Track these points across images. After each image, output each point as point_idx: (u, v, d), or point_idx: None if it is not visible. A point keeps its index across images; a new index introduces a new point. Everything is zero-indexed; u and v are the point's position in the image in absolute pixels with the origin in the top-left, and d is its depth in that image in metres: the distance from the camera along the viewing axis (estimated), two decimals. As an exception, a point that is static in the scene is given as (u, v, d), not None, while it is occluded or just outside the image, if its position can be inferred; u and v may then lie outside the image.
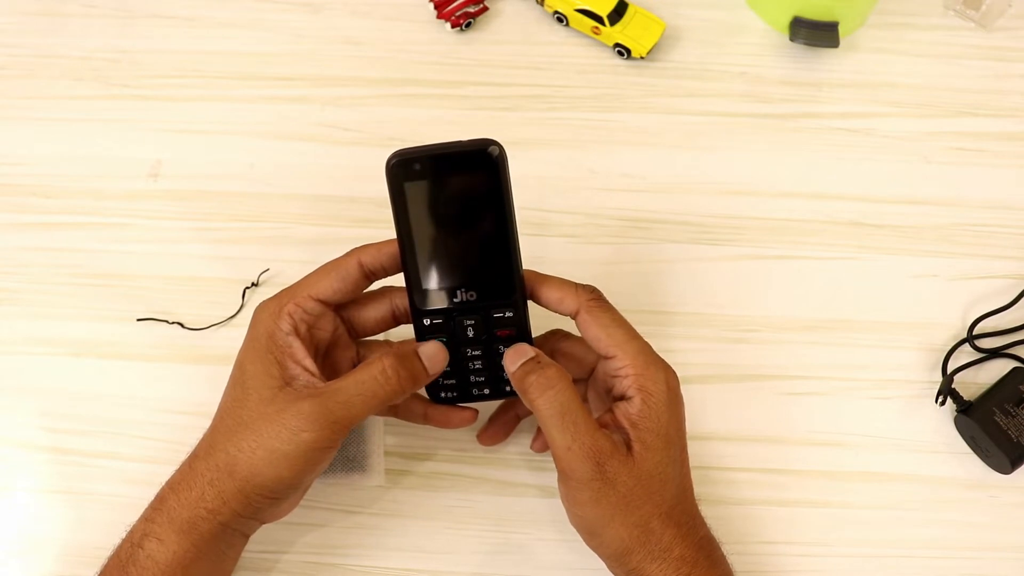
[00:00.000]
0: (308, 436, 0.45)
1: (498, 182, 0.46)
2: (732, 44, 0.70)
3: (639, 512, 0.45)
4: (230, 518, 0.46)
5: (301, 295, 0.49)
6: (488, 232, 0.47)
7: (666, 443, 0.46)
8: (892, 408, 0.58)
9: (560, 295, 0.49)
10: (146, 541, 0.46)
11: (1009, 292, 0.60)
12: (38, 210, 0.64)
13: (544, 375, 0.46)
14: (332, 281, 0.49)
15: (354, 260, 0.49)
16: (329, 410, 0.45)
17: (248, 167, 0.65)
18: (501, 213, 0.47)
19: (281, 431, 0.45)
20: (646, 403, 0.46)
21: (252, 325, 0.49)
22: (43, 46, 0.70)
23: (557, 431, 0.46)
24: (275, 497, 0.47)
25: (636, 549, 0.46)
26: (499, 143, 0.46)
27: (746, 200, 0.64)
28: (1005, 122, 0.67)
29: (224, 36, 0.70)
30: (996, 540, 0.55)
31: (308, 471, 0.47)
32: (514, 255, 0.48)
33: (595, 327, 0.48)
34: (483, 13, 0.70)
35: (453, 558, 0.55)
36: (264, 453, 0.45)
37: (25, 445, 0.58)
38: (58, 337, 0.60)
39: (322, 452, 0.46)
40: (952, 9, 0.70)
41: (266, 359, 0.47)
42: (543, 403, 0.46)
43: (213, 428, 0.48)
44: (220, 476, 0.46)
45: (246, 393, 0.47)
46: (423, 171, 0.46)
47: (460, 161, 0.46)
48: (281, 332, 0.48)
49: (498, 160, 0.46)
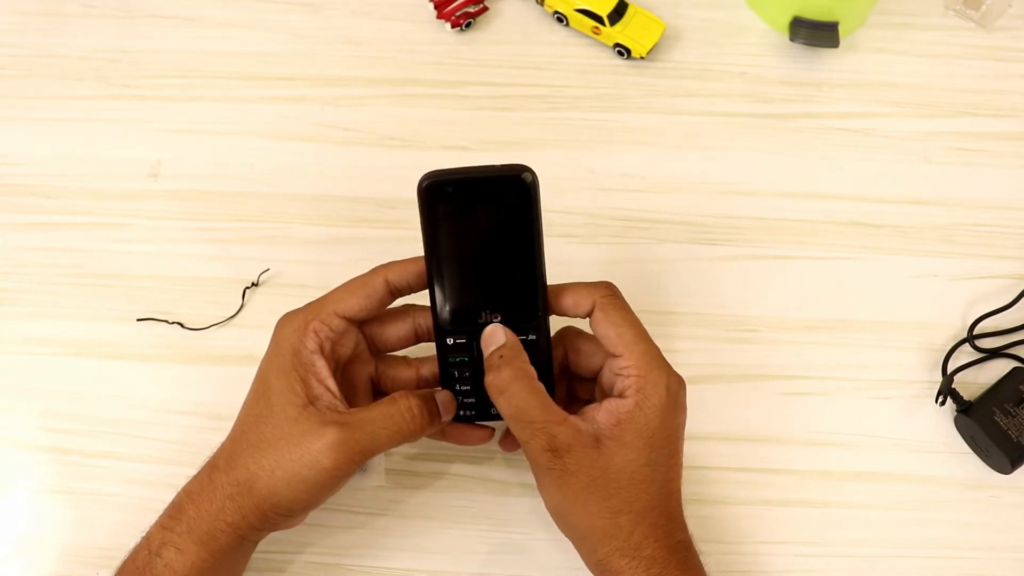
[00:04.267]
0: (330, 464, 0.45)
1: (529, 208, 0.46)
2: (732, 44, 0.70)
3: (607, 503, 0.46)
4: (248, 531, 0.47)
5: (327, 312, 0.49)
6: (516, 256, 0.47)
7: (648, 445, 0.46)
8: (892, 408, 0.58)
9: (575, 299, 0.49)
10: (164, 550, 0.46)
11: (1009, 292, 0.60)
12: (38, 210, 0.64)
13: (500, 378, 0.47)
14: (359, 299, 0.49)
15: (380, 278, 0.50)
16: (355, 440, 0.46)
17: (248, 167, 0.65)
18: (530, 238, 0.47)
19: (304, 455, 0.45)
20: (639, 406, 0.46)
21: (276, 339, 0.49)
22: (43, 46, 0.70)
23: (515, 430, 0.47)
24: (290, 515, 0.48)
25: (603, 539, 0.46)
26: (532, 169, 0.46)
27: (746, 200, 0.64)
28: (1005, 122, 0.67)
29: (224, 36, 0.70)
30: (996, 540, 0.55)
31: (325, 494, 0.48)
32: (540, 280, 0.48)
33: (606, 324, 0.48)
34: (483, 13, 0.70)
35: (453, 558, 0.55)
36: (284, 474, 0.46)
37: (25, 445, 0.58)
38: (58, 337, 0.60)
39: (341, 480, 0.47)
40: (952, 9, 0.70)
41: (291, 376, 0.47)
42: (501, 405, 0.47)
43: (234, 440, 0.48)
44: (240, 491, 0.46)
45: (270, 410, 0.47)
46: (455, 194, 0.46)
47: (493, 186, 0.46)
48: (307, 350, 0.48)
49: (531, 187, 0.46)
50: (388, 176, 0.65)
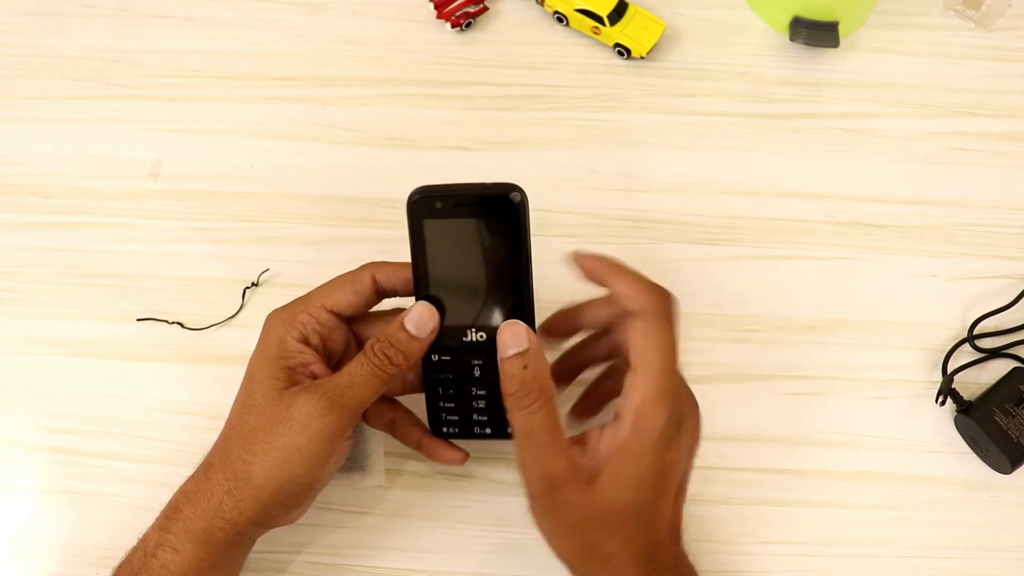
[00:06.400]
0: (318, 423, 0.45)
1: (518, 228, 0.46)
2: (732, 44, 0.70)
3: (588, 537, 0.45)
4: (246, 527, 0.47)
5: (314, 305, 0.49)
6: (503, 276, 0.47)
7: (638, 486, 0.45)
8: (892, 408, 0.58)
9: (629, 291, 0.46)
10: (160, 551, 0.46)
11: (1009, 292, 0.60)
12: (38, 210, 0.64)
13: (525, 392, 0.45)
14: (347, 294, 0.49)
15: (368, 275, 0.49)
16: (337, 395, 0.46)
17: (248, 167, 0.66)
18: (518, 259, 0.47)
19: (292, 425, 0.45)
20: (636, 437, 0.44)
21: (263, 333, 0.49)
22: (43, 46, 0.70)
23: (520, 447, 0.46)
24: (290, 503, 0.47)
25: (580, 565, 0.46)
26: (521, 189, 0.46)
27: (746, 200, 0.64)
28: (1005, 122, 0.67)
29: (224, 36, 0.70)
30: (996, 540, 0.55)
31: (321, 466, 0.47)
32: (528, 301, 0.47)
33: (641, 339, 0.45)
34: (483, 13, 0.70)
35: (453, 558, 0.55)
36: (278, 452, 0.45)
37: (25, 445, 0.58)
38: (58, 337, 0.60)
39: (333, 442, 0.46)
40: (952, 9, 0.70)
41: (273, 364, 0.47)
42: (515, 418, 0.46)
43: (225, 436, 0.48)
44: (238, 484, 0.46)
45: (252, 399, 0.47)
46: (444, 210, 0.46)
47: (481, 204, 0.46)
48: (291, 340, 0.48)
49: (519, 206, 0.46)
50: (388, 176, 0.65)
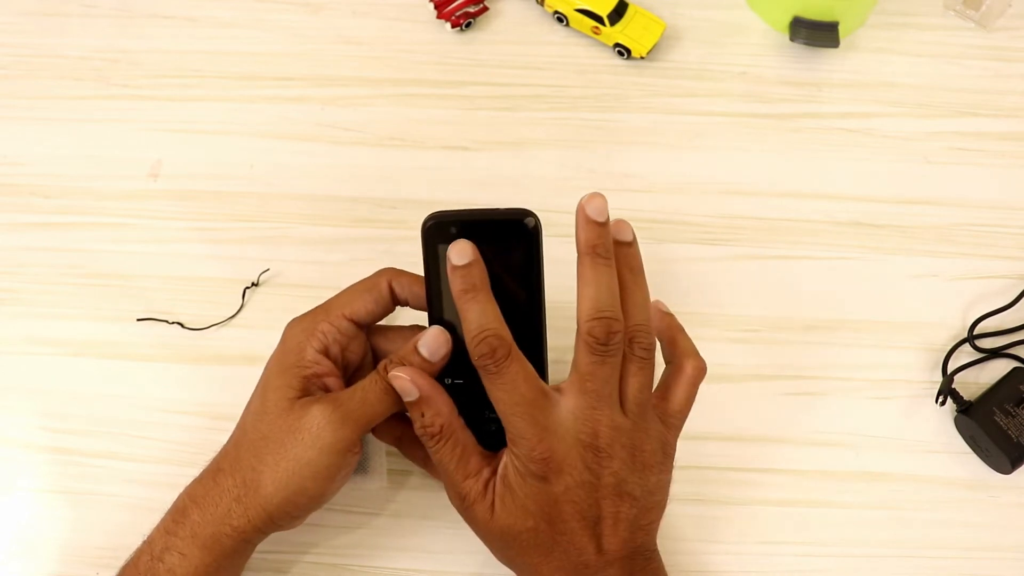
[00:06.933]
0: (330, 437, 0.45)
1: (531, 253, 0.46)
2: (732, 44, 0.70)
3: (509, 551, 0.46)
4: (252, 534, 0.47)
5: (335, 314, 0.49)
6: (517, 302, 0.47)
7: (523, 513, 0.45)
8: (892, 408, 0.58)
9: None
10: (167, 554, 0.46)
11: (1009, 292, 0.60)
12: (38, 210, 0.64)
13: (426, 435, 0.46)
14: (366, 303, 0.49)
15: (386, 283, 0.50)
16: (349, 409, 0.46)
17: (248, 167, 0.65)
18: (531, 284, 0.47)
19: (304, 436, 0.46)
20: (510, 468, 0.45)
21: (282, 340, 0.49)
22: (43, 46, 0.70)
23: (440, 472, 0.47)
24: (296, 514, 0.48)
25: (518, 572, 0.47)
26: (535, 214, 0.46)
27: (746, 200, 0.64)
28: (1005, 122, 0.67)
29: (224, 36, 0.70)
30: (996, 540, 0.55)
31: (330, 479, 0.47)
32: (541, 325, 0.47)
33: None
34: (483, 13, 0.70)
35: (453, 558, 0.55)
36: (288, 464, 0.46)
37: (25, 445, 0.58)
38: (58, 337, 0.60)
39: (343, 456, 0.46)
40: (952, 9, 0.70)
41: (289, 373, 0.48)
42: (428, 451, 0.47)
43: (236, 441, 0.48)
44: (247, 492, 0.46)
45: (265, 406, 0.47)
46: (458, 235, 0.46)
47: (495, 229, 0.46)
48: (311, 349, 0.48)
49: (533, 232, 0.46)
50: (388, 176, 0.65)
